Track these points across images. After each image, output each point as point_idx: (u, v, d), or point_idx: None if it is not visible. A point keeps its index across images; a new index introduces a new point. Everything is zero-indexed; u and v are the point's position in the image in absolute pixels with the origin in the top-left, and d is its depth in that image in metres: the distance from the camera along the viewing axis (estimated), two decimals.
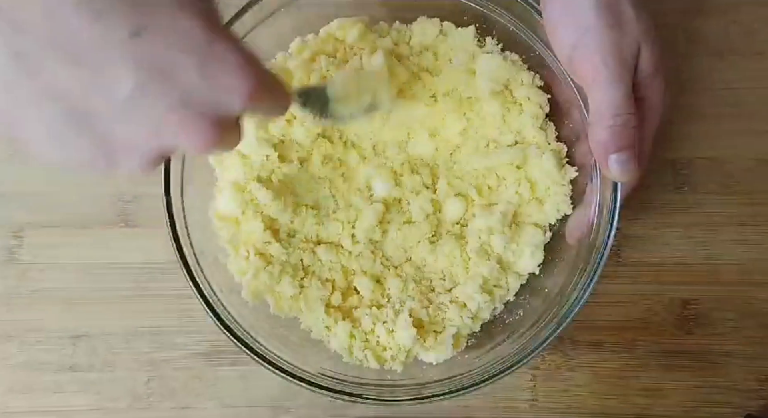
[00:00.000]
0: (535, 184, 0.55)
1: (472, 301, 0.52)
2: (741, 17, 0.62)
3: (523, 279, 0.55)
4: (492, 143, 0.56)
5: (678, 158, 0.60)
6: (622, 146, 0.47)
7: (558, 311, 0.49)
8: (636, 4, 0.47)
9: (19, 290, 0.58)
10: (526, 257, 0.54)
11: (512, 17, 0.54)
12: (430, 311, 0.53)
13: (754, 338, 0.57)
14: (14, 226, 0.59)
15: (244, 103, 0.31)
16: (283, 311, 0.53)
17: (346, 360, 0.52)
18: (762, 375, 0.56)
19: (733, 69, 0.61)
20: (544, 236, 0.54)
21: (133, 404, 0.56)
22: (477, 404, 0.56)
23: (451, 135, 0.55)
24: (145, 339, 0.57)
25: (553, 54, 0.51)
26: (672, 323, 0.57)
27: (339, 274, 0.54)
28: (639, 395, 0.56)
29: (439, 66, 0.56)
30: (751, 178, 0.59)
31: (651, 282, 0.58)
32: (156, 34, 0.28)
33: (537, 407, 0.56)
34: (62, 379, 0.57)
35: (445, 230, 0.55)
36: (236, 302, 0.50)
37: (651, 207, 0.59)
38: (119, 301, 0.58)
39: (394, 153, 0.56)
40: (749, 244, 0.58)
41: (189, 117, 0.30)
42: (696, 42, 0.62)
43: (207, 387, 0.56)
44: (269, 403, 0.56)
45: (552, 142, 0.55)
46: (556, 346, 0.57)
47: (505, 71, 0.55)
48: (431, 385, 0.50)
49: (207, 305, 0.48)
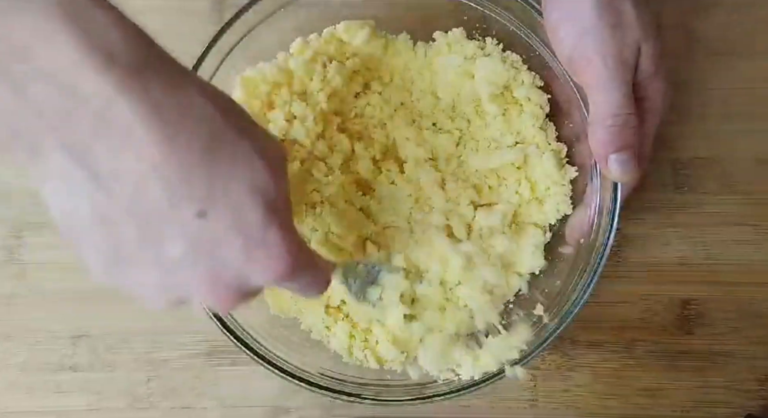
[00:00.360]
0: (535, 184, 0.55)
1: (473, 301, 0.52)
2: (741, 17, 0.62)
3: (525, 279, 0.55)
4: (493, 143, 0.56)
5: (678, 158, 0.60)
6: (622, 146, 0.47)
7: (558, 311, 0.49)
8: (637, 4, 0.47)
9: (19, 290, 0.58)
10: (526, 257, 0.54)
11: (512, 17, 0.54)
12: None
13: (754, 338, 0.57)
14: (14, 226, 0.59)
15: (272, 281, 0.34)
16: (283, 311, 0.53)
17: (346, 360, 0.52)
18: (762, 375, 0.56)
19: (733, 69, 0.61)
20: (545, 236, 0.54)
21: (133, 404, 0.56)
22: (477, 404, 0.56)
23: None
24: (145, 339, 0.57)
25: (553, 54, 0.51)
26: (672, 323, 0.57)
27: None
28: (639, 395, 0.56)
29: (436, 80, 0.57)
30: (751, 178, 0.59)
31: (651, 282, 0.58)
32: (218, 219, 0.31)
33: (537, 407, 0.56)
34: (62, 379, 0.57)
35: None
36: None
37: (651, 207, 0.59)
38: (119, 301, 0.57)
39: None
40: (749, 244, 0.58)
41: (219, 287, 0.33)
42: (696, 42, 0.62)
43: (207, 387, 0.56)
44: (269, 403, 0.56)
45: (552, 143, 0.55)
46: (556, 346, 0.57)
47: (504, 74, 0.55)
48: (431, 385, 0.50)
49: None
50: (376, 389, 0.50)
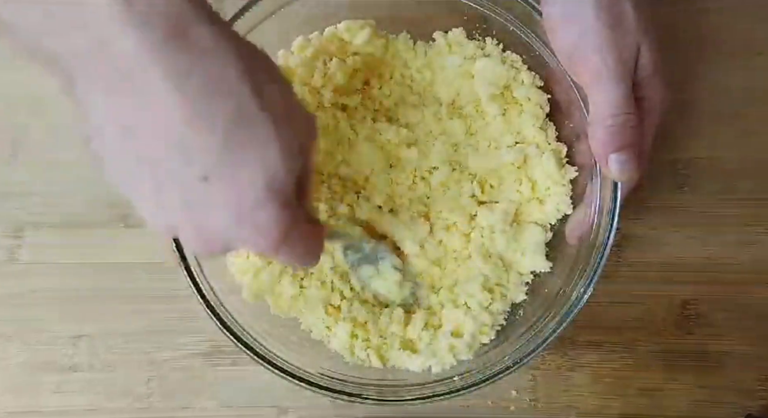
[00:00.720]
0: (536, 183, 0.55)
1: (473, 299, 0.52)
2: (741, 17, 0.62)
3: (525, 278, 0.55)
4: (493, 143, 0.56)
5: (678, 158, 0.60)
6: (622, 146, 0.47)
7: (558, 311, 0.49)
8: (636, 5, 0.47)
9: (19, 290, 0.58)
10: (527, 256, 0.54)
11: (512, 17, 0.54)
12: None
13: (754, 338, 0.57)
14: (14, 226, 0.59)
15: (254, 252, 0.36)
16: (283, 311, 0.53)
17: (347, 360, 0.53)
18: (762, 375, 0.56)
19: (734, 69, 0.61)
20: (545, 235, 0.54)
21: (133, 404, 0.56)
22: (477, 404, 0.56)
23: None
24: (145, 339, 0.57)
25: (552, 53, 0.51)
26: (672, 323, 0.57)
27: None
28: (639, 395, 0.56)
29: (436, 78, 0.57)
30: (751, 178, 0.59)
31: (651, 282, 0.58)
32: (218, 188, 0.32)
33: (537, 407, 0.56)
34: (62, 379, 0.57)
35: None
36: (236, 302, 0.50)
37: (651, 207, 0.59)
38: (119, 301, 0.58)
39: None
40: (749, 244, 0.58)
41: (202, 239, 0.34)
42: (696, 42, 0.62)
43: (207, 387, 0.56)
44: (269, 403, 0.56)
45: (552, 142, 0.55)
46: (556, 346, 0.57)
47: (504, 74, 0.55)
48: (431, 385, 0.50)
49: (207, 305, 0.48)
50: (377, 389, 0.50)
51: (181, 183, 0.32)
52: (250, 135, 0.32)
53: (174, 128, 0.31)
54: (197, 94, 0.30)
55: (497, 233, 0.54)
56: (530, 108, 0.55)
